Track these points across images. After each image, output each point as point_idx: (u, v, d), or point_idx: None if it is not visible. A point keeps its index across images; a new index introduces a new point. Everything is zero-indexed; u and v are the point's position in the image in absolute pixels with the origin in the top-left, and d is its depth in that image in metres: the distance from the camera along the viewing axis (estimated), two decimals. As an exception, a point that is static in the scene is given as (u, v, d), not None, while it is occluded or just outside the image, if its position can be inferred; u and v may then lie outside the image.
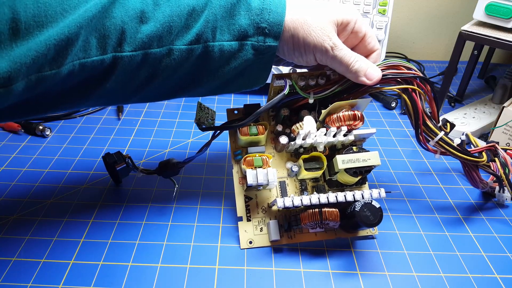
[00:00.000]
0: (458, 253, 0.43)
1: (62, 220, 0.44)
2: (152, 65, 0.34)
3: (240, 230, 0.43)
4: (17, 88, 0.27)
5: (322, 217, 0.39)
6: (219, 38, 0.34)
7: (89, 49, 0.30)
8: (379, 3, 0.68)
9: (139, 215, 0.46)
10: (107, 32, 0.30)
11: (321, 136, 0.41)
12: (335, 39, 0.36)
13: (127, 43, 0.31)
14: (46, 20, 0.27)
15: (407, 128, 0.65)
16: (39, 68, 0.28)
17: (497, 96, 0.69)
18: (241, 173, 0.44)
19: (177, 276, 0.39)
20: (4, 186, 0.49)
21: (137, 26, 0.31)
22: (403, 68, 0.39)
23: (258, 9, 0.34)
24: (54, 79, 0.29)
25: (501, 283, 0.40)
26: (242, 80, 0.38)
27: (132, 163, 0.47)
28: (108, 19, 0.30)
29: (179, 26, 0.33)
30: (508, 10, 0.57)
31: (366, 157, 0.40)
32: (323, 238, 0.43)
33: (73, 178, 0.51)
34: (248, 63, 0.36)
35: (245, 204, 0.44)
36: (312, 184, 0.45)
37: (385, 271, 0.40)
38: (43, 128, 0.57)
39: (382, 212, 0.39)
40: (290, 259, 0.41)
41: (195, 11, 0.33)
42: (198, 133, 0.61)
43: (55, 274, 0.38)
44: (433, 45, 0.95)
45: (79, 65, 0.30)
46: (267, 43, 0.35)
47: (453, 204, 0.50)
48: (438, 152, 0.43)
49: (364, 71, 0.37)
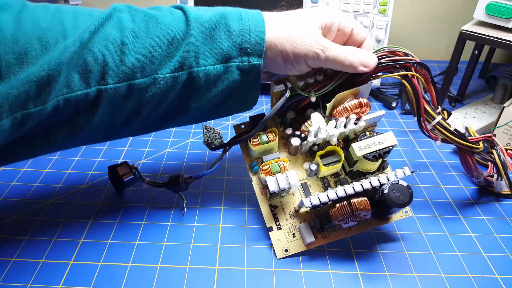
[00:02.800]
0: (459, 253, 0.43)
1: (62, 220, 0.44)
2: (138, 95, 0.34)
3: (273, 239, 0.42)
4: (3, 126, 0.28)
5: (352, 208, 0.38)
6: (202, 63, 0.35)
7: (72, 84, 0.30)
8: (379, 2, 0.68)
9: (138, 215, 0.45)
10: (89, 67, 0.31)
11: (332, 128, 0.41)
12: (323, 42, 0.36)
13: (110, 76, 0.32)
14: (26, 56, 0.27)
15: (407, 128, 0.65)
16: (23, 105, 0.28)
17: (498, 96, 0.69)
18: (260, 184, 0.43)
19: (177, 276, 0.39)
20: (3, 186, 0.49)
21: (119, 58, 0.32)
22: (401, 54, 0.39)
23: (238, 31, 0.35)
24: (40, 116, 0.30)
25: (502, 283, 0.39)
26: (231, 102, 0.38)
27: (139, 175, 0.47)
28: (89, 53, 0.30)
29: (161, 55, 0.33)
30: (508, 10, 0.56)
31: (382, 139, 0.40)
32: (359, 231, 0.42)
33: (72, 178, 0.50)
34: (236, 84, 0.36)
35: (272, 213, 0.43)
36: (334, 180, 0.44)
37: (385, 271, 0.40)
38: (42, 128, 0.57)
39: (411, 189, 0.38)
40: (290, 259, 0.41)
41: (175, 39, 0.34)
42: (198, 133, 0.60)
43: (55, 274, 0.38)
44: (433, 45, 0.95)
45: (63, 100, 0.30)
46: (251, 62, 0.35)
47: (453, 204, 0.50)
48: (439, 139, 0.43)
49: (359, 61, 0.37)
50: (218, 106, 0.38)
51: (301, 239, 0.42)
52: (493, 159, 0.46)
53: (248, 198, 0.49)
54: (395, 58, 0.39)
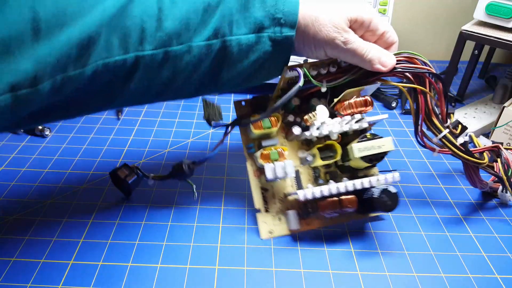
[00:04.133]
0: (459, 253, 0.43)
1: (62, 220, 0.44)
2: (173, 63, 0.34)
3: (259, 221, 0.43)
4: (43, 89, 0.27)
5: (341, 204, 0.40)
6: (236, 32, 0.34)
7: (111, 49, 0.30)
8: (379, 2, 0.68)
9: (138, 215, 0.45)
10: (128, 31, 0.30)
11: (335, 125, 0.41)
12: (347, 35, 0.36)
13: (148, 42, 0.31)
14: (65, 18, 0.27)
15: (407, 128, 0.65)
16: (64, 68, 0.28)
17: (498, 96, 0.69)
18: (255, 166, 0.44)
19: (177, 276, 0.39)
20: (3, 186, 0.49)
21: (156, 24, 0.31)
22: (418, 62, 0.39)
23: (272, 0, 0.34)
24: (79, 80, 0.29)
25: (502, 284, 0.39)
26: (263, 72, 0.38)
27: (142, 172, 0.46)
28: (128, 18, 0.30)
29: (196, 22, 0.33)
30: (508, 10, 0.56)
31: (381, 144, 0.40)
32: (338, 222, 0.45)
33: (72, 178, 0.50)
34: (267, 55, 0.36)
35: (262, 195, 0.44)
36: (324, 171, 0.45)
37: (385, 271, 0.40)
38: (42, 128, 0.57)
39: (398, 196, 0.40)
40: (290, 259, 0.41)
41: (210, 6, 0.33)
42: (198, 133, 0.60)
43: (55, 274, 0.38)
44: (433, 44, 0.95)
45: (103, 65, 0.30)
46: (283, 33, 0.35)
47: (453, 204, 0.50)
48: (436, 150, 0.43)
49: (379, 58, 0.37)
50: (250, 76, 0.38)
51: (286, 224, 0.44)
52: (497, 173, 0.45)
53: (248, 198, 0.49)
54: (411, 65, 0.39)
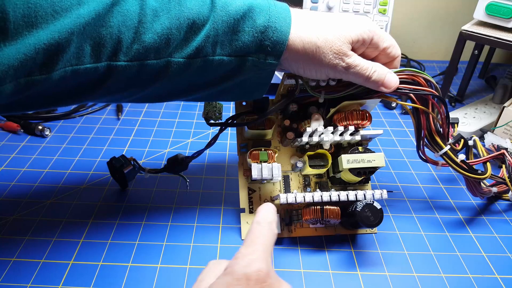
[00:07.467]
0: (459, 253, 0.43)
1: (62, 221, 0.44)
2: (149, 75, 0.33)
3: (242, 221, 0.43)
4: (5, 90, 0.27)
5: (323, 214, 0.40)
6: (219, 53, 0.33)
7: (82, 56, 0.29)
8: (379, 2, 0.68)
9: (138, 215, 0.45)
10: (102, 41, 0.29)
11: (328, 134, 0.41)
12: (348, 60, 0.35)
13: (123, 53, 0.31)
14: (36, 21, 0.26)
15: (407, 128, 0.65)
16: (28, 72, 0.27)
17: (498, 96, 0.69)
18: (246, 165, 0.44)
19: (177, 276, 0.39)
20: (3, 186, 0.49)
21: (134, 36, 0.30)
22: (421, 80, 0.38)
23: (263, 26, 0.33)
24: (44, 84, 0.29)
25: (502, 284, 0.39)
26: (239, 91, 0.38)
27: (138, 165, 0.47)
28: (105, 27, 0.29)
29: (178, 39, 0.32)
30: (508, 10, 0.56)
31: (371, 158, 0.40)
32: (323, 233, 0.44)
33: (72, 178, 0.50)
34: (247, 76, 0.36)
35: (248, 196, 0.44)
36: (315, 180, 0.45)
37: (385, 271, 0.40)
38: (42, 128, 0.57)
39: (383, 213, 0.39)
40: (290, 259, 0.41)
41: (196, 24, 0.32)
42: (198, 133, 0.60)
43: (55, 274, 0.38)
44: (433, 44, 0.95)
45: (72, 71, 0.29)
46: (268, 60, 0.34)
47: (453, 204, 0.50)
48: (440, 164, 0.44)
49: (382, 80, 0.36)
50: (225, 91, 0.38)
51: None
52: (503, 179, 0.45)
53: (248, 198, 0.49)
54: (415, 87, 0.38)
